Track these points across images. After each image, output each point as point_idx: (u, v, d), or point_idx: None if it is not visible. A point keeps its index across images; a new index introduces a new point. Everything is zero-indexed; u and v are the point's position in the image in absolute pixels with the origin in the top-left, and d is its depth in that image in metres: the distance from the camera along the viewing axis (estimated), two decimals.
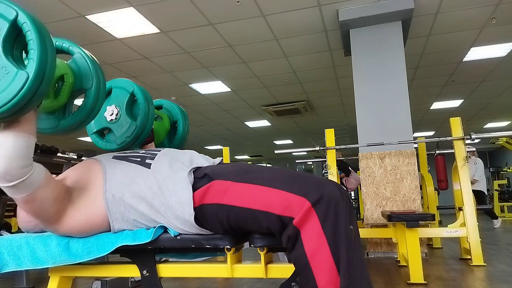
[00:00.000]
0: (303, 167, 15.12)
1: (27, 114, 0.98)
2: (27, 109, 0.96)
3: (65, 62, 1.16)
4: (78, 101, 1.20)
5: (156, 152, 1.20)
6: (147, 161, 1.16)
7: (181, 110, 1.72)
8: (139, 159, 1.17)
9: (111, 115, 1.43)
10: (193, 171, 1.11)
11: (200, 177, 1.10)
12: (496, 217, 6.84)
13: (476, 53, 5.41)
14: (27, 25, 0.92)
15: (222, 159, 1.27)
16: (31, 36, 0.91)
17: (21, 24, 0.92)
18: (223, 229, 1.06)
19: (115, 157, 1.20)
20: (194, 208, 1.05)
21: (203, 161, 1.19)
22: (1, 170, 0.94)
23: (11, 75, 0.91)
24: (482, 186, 6.81)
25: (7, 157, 0.95)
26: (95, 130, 1.49)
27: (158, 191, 1.08)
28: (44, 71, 0.92)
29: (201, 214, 1.06)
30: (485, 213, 7.24)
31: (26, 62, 0.97)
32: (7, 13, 0.93)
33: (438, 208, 5.01)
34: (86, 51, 1.18)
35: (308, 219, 0.93)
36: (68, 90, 1.15)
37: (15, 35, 0.95)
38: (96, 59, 1.20)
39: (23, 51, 1.01)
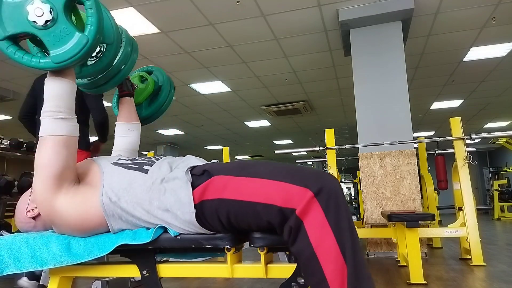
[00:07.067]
0: None
1: None
2: (78, 64, 1.14)
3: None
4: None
5: (154, 160, 1.22)
6: (145, 167, 1.17)
7: (169, 79, 1.75)
8: (137, 166, 1.19)
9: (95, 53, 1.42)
10: (191, 170, 1.12)
11: (199, 174, 1.10)
12: None
13: (476, 53, 5.42)
14: None
15: (218, 161, 1.28)
16: (90, 5, 1.07)
17: None
18: (223, 227, 1.06)
19: (114, 164, 1.21)
20: (195, 205, 1.05)
21: (200, 162, 1.20)
22: (50, 106, 1.10)
23: (72, 36, 1.05)
24: None
25: (55, 97, 1.12)
26: None
27: (155, 194, 1.09)
28: (99, 36, 1.08)
29: (202, 211, 1.06)
30: None
31: (74, 21, 1.16)
32: None
33: (438, 208, 5.01)
34: (108, 11, 1.30)
35: (310, 209, 0.93)
36: None
37: (73, 1, 1.10)
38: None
39: (72, 15, 1.17)
